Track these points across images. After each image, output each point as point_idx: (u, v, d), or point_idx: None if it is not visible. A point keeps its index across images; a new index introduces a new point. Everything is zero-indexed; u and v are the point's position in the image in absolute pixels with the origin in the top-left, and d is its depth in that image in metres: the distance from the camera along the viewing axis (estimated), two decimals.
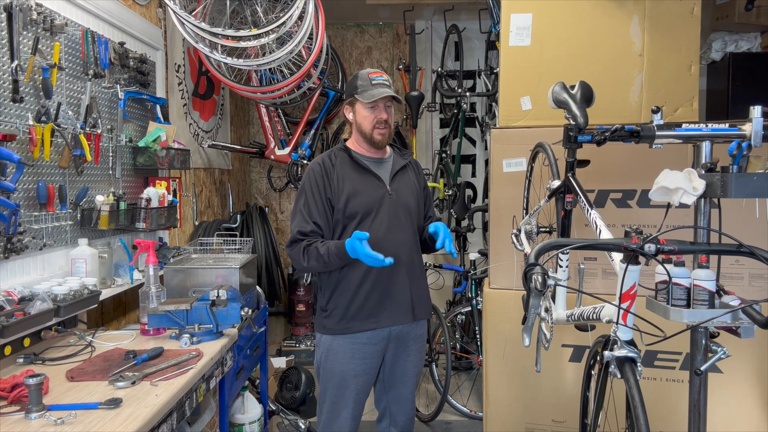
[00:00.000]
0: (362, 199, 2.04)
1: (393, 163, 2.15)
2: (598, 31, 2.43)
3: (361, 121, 2.08)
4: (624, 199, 2.35)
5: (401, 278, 2.05)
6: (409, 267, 2.08)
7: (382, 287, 2.03)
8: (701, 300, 1.34)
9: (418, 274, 2.14)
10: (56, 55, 2.06)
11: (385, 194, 2.07)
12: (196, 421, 2.18)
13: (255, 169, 5.15)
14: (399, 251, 2.02)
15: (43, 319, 1.79)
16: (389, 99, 2.06)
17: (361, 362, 2.05)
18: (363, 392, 2.09)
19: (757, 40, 3.89)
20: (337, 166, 2.09)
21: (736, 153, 1.33)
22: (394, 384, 2.15)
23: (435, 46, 4.92)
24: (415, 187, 2.17)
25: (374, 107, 2.05)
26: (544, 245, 1.31)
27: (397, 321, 2.05)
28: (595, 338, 1.60)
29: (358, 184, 2.06)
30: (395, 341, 2.09)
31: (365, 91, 2.03)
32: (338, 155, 2.12)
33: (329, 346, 2.07)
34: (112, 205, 2.35)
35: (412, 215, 2.12)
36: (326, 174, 2.06)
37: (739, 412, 2.24)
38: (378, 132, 2.06)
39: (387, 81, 2.07)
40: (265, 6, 3.19)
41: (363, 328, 2.03)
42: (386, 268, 1.95)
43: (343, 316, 2.04)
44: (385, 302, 2.03)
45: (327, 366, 2.08)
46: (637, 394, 1.32)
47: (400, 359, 2.12)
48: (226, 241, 2.93)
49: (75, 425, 1.34)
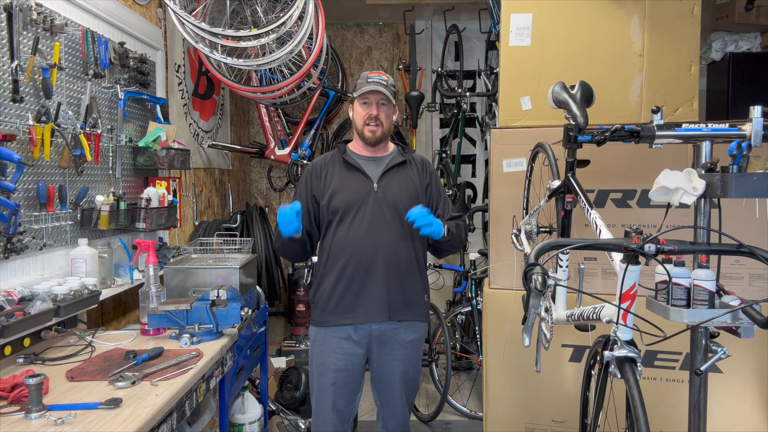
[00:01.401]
0: (344, 196, 2.08)
1: (389, 162, 2.14)
2: (598, 31, 2.43)
3: (356, 118, 2.13)
4: (624, 199, 2.35)
5: (378, 277, 2.05)
6: (391, 266, 2.05)
7: (359, 284, 2.06)
8: (701, 300, 1.34)
9: (404, 275, 2.08)
10: (56, 55, 2.06)
11: (370, 192, 2.08)
12: (196, 421, 2.17)
13: (255, 169, 5.15)
14: (379, 250, 2.05)
15: (43, 319, 1.79)
16: (383, 98, 2.06)
17: (341, 356, 2.08)
18: (345, 387, 2.10)
19: (757, 40, 3.89)
20: (329, 164, 2.16)
21: (736, 153, 1.33)
22: (382, 387, 2.16)
23: (435, 46, 4.92)
24: (413, 186, 2.13)
25: (367, 103, 2.08)
26: (544, 245, 1.31)
27: (372, 318, 2.06)
28: (595, 338, 1.60)
29: (343, 182, 2.10)
30: (377, 342, 2.09)
31: (360, 88, 2.08)
32: (335, 154, 2.19)
33: (314, 337, 2.14)
34: (112, 205, 2.35)
35: (400, 213, 2.05)
36: (316, 172, 2.15)
37: (739, 412, 2.24)
38: (368, 129, 2.09)
39: (384, 81, 2.07)
40: (265, 6, 3.19)
41: (340, 322, 2.07)
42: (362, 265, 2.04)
43: (324, 308, 2.10)
44: (359, 299, 2.06)
45: (313, 357, 2.15)
46: (637, 394, 1.32)
47: (386, 363, 2.11)
48: (226, 241, 2.93)
49: (75, 425, 1.34)
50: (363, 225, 2.05)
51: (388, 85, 2.07)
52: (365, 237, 2.05)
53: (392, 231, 2.07)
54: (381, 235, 2.06)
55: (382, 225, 2.06)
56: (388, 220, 2.07)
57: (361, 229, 2.05)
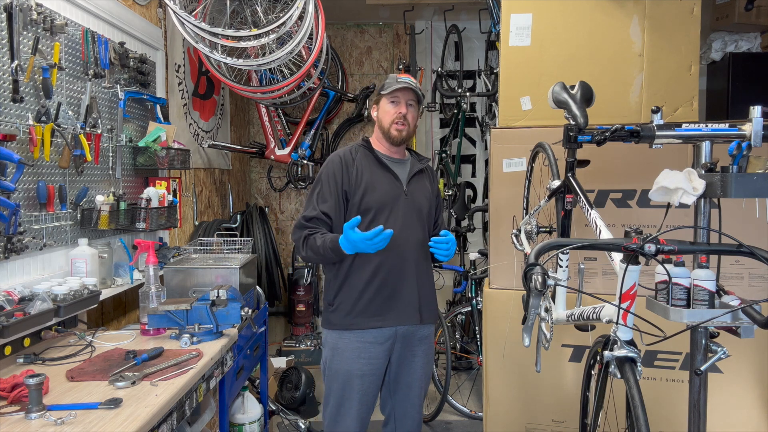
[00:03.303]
0: (378, 194, 2.04)
1: (411, 166, 2.17)
2: (598, 32, 2.43)
3: (382, 116, 2.11)
4: (624, 199, 2.35)
5: (410, 278, 2.04)
6: (419, 268, 2.07)
7: (391, 287, 2.02)
8: (701, 300, 1.34)
9: (426, 277, 2.13)
10: (56, 55, 2.06)
11: (401, 193, 2.08)
12: (196, 421, 2.17)
13: (255, 169, 5.15)
14: (410, 251, 2.04)
15: (43, 319, 1.79)
16: (413, 98, 2.09)
17: (366, 362, 2.03)
18: (369, 393, 2.06)
19: (757, 40, 3.90)
20: (357, 159, 2.09)
21: (736, 153, 1.33)
22: (400, 387, 2.12)
23: (435, 46, 4.92)
24: (428, 193, 2.18)
25: (396, 102, 2.08)
26: (544, 245, 1.31)
27: (403, 321, 2.04)
28: (595, 338, 1.60)
29: (376, 179, 2.07)
30: (402, 341, 2.07)
31: (390, 87, 2.08)
32: (359, 150, 2.13)
33: (335, 344, 2.06)
34: (112, 205, 2.35)
35: (423, 219, 2.12)
36: (345, 166, 2.07)
37: (739, 412, 2.24)
38: (395, 127, 2.07)
39: (413, 82, 2.10)
40: (265, 6, 3.19)
41: (368, 326, 2.01)
42: (396, 267, 2.00)
43: (350, 311, 2.02)
44: (392, 302, 2.02)
45: (333, 365, 2.06)
46: (637, 394, 1.32)
47: (406, 361, 2.10)
48: (226, 241, 2.93)
49: (75, 425, 1.34)
50: (396, 225, 2.01)
51: (416, 87, 2.10)
52: (398, 238, 1.98)
53: (418, 234, 2.09)
54: (411, 237, 2.06)
55: (411, 227, 2.07)
56: (415, 223, 2.09)
57: (395, 229, 1.96)
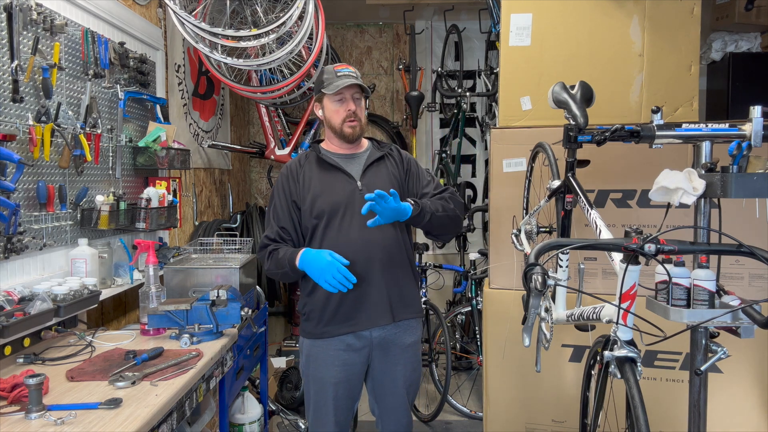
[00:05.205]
0: (328, 197, 1.96)
1: (369, 157, 2.06)
2: (598, 32, 2.43)
3: (330, 116, 2.01)
4: (624, 199, 2.35)
5: (376, 278, 1.94)
6: (387, 266, 1.97)
7: (357, 290, 1.90)
8: (701, 300, 1.34)
9: (400, 273, 2.01)
10: (56, 55, 2.06)
11: (354, 191, 1.97)
12: (196, 421, 2.17)
13: (255, 169, 5.15)
14: (375, 247, 1.95)
15: (43, 319, 1.79)
16: (358, 91, 1.98)
17: (341, 369, 1.97)
18: (346, 398, 2.01)
19: (757, 40, 3.89)
20: (305, 167, 2.03)
21: (736, 153, 1.33)
22: (384, 394, 2.06)
23: (435, 46, 4.92)
24: (395, 179, 2.04)
25: (342, 100, 1.97)
26: (544, 245, 1.31)
27: (376, 323, 1.95)
28: (595, 338, 1.60)
29: (324, 183, 1.99)
30: (378, 349, 1.99)
31: (331, 83, 1.95)
32: (308, 156, 2.06)
33: (309, 351, 2.02)
34: (112, 205, 2.35)
35: None
36: (292, 177, 2.02)
37: (739, 413, 2.24)
38: (348, 125, 1.98)
39: (353, 72, 1.99)
40: (265, 6, 3.19)
41: (341, 332, 1.95)
42: (361, 269, 1.90)
43: (320, 320, 1.97)
44: (360, 305, 1.95)
45: (308, 371, 2.02)
46: (637, 394, 1.32)
47: (388, 369, 2.02)
48: (226, 241, 2.93)
49: (75, 425, 1.34)
50: (353, 226, 1.94)
51: (359, 80, 1.97)
52: (357, 238, 1.93)
53: (383, 228, 1.93)
54: (373, 234, 1.94)
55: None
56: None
57: (351, 231, 1.93)
